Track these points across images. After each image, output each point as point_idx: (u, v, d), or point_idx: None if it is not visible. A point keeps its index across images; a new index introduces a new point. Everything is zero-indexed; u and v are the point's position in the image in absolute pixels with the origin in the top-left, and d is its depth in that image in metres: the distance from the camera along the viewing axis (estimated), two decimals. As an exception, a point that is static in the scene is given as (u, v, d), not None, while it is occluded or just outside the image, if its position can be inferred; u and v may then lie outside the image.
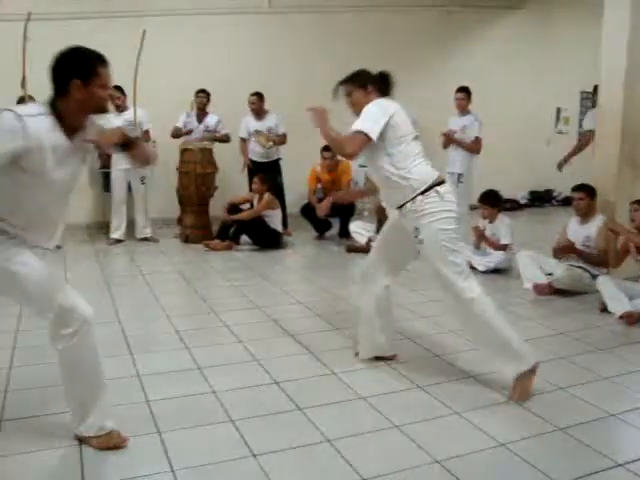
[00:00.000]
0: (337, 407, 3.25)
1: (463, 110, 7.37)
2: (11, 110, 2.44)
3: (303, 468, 2.70)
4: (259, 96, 7.90)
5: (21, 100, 6.81)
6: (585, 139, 6.98)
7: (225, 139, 7.92)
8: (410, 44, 9.75)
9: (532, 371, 3.39)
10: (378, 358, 3.86)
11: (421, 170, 3.46)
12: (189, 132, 7.84)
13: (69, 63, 2.55)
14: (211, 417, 3.12)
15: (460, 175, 7.24)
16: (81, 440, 2.82)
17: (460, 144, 7.28)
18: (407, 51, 9.65)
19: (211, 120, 7.92)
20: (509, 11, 10.56)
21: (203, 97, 7.88)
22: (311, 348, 4.07)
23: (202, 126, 7.90)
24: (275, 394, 3.39)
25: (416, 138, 3.57)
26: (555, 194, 11.27)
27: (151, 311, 4.88)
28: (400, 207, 3.49)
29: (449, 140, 7.34)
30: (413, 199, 3.41)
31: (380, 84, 3.72)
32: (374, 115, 3.44)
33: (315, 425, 3.03)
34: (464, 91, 7.36)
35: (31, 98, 6.81)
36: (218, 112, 7.95)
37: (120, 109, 7.41)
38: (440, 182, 3.47)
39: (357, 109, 3.60)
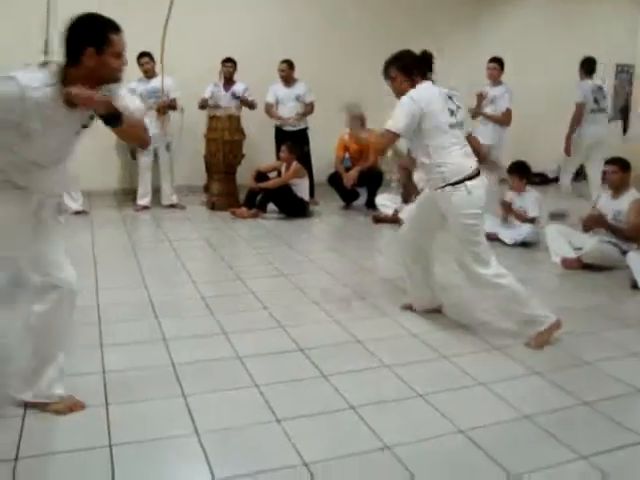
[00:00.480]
0: (361, 375, 3.26)
1: (495, 80, 7.25)
2: (15, 79, 2.35)
3: (326, 434, 2.71)
4: (289, 64, 7.84)
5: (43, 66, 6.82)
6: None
7: (252, 104, 7.88)
8: (440, 12, 9.59)
9: (553, 327, 3.64)
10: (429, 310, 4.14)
11: (455, 161, 3.59)
12: (209, 106, 7.86)
13: (82, 30, 2.48)
14: (235, 382, 3.14)
15: (490, 147, 7.15)
16: (28, 405, 2.82)
17: (489, 116, 7.17)
18: (437, 21, 9.51)
19: (238, 88, 7.88)
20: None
21: (230, 66, 7.84)
22: (336, 316, 4.07)
23: (229, 93, 7.87)
24: (299, 360, 3.41)
25: (455, 126, 3.65)
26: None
27: (177, 277, 4.90)
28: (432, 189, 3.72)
29: (478, 112, 7.24)
30: (442, 187, 3.59)
31: (423, 65, 3.77)
32: (405, 109, 3.58)
33: (339, 392, 3.04)
34: (496, 61, 7.24)
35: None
36: (245, 80, 7.90)
37: (149, 75, 7.39)
38: (474, 175, 3.57)
39: (398, 95, 3.70)
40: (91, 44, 2.44)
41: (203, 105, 7.85)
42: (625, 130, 11.09)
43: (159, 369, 3.28)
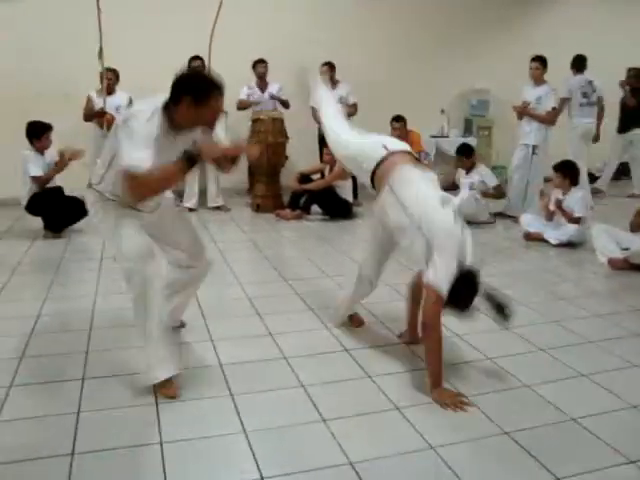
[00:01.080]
0: (406, 375, 3.28)
1: (538, 80, 7.12)
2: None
3: (371, 434, 2.75)
4: (330, 66, 7.89)
5: (101, 75, 7.00)
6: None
7: (287, 103, 7.96)
8: (479, 12, 9.52)
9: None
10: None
11: None
12: (251, 104, 7.94)
13: (189, 81, 2.84)
14: (282, 382, 3.20)
15: (535, 147, 7.08)
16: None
17: (534, 116, 7.10)
18: (479, 21, 9.45)
19: (273, 88, 7.97)
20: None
21: (263, 67, 7.93)
22: (380, 317, 4.10)
23: (267, 94, 7.96)
24: (345, 361, 3.45)
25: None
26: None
27: (224, 278, 4.98)
28: None
29: (523, 112, 7.18)
30: None
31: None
32: None
33: (384, 392, 3.07)
34: (538, 60, 7.09)
35: (111, 71, 7.02)
36: (280, 80, 7.96)
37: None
38: None
39: None
40: (191, 94, 2.78)
41: (243, 106, 7.94)
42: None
43: (207, 369, 3.36)
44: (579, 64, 7.91)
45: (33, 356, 3.51)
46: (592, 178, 10.07)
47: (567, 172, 6.13)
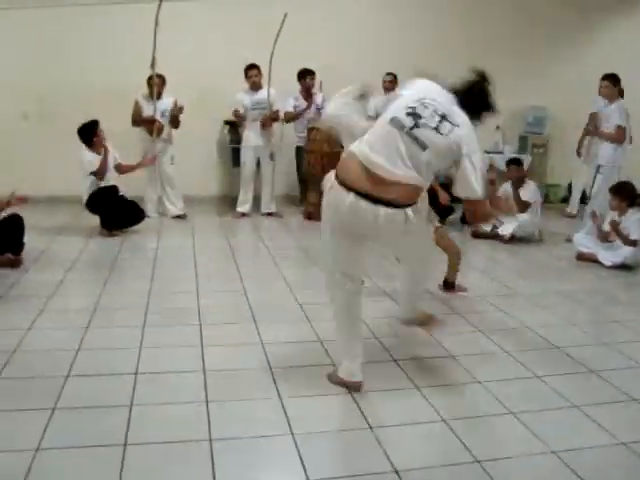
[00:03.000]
0: (454, 389, 3.30)
1: (607, 98, 6.88)
2: None
3: (417, 444, 2.76)
4: (394, 77, 7.98)
5: (150, 78, 7.18)
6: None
7: None
8: (543, 26, 9.43)
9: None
10: None
11: None
12: (300, 114, 8.03)
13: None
14: (329, 388, 3.23)
15: (599, 167, 6.90)
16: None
17: (602, 134, 6.92)
18: (533, 36, 9.37)
19: (319, 99, 8.03)
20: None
21: (311, 79, 8.00)
22: (427, 329, 4.11)
23: (313, 107, 8.03)
24: (392, 371, 3.47)
25: None
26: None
27: (275, 283, 5.05)
28: None
29: (592, 131, 7.09)
30: None
31: None
32: None
33: (431, 404, 3.08)
34: (607, 78, 6.85)
35: (159, 76, 7.19)
36: (328, 93, 8.01)
37: (255, 87, 7.64)
38: None
39: None
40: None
41: (290, 118, 8.04)
42: None
43: (256, 371, 3.41)
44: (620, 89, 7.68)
45: (88, 349, 3.62)
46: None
47: (625, 194, 6.04)
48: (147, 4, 7.12)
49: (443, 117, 3.01)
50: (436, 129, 2.98)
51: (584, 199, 9.38)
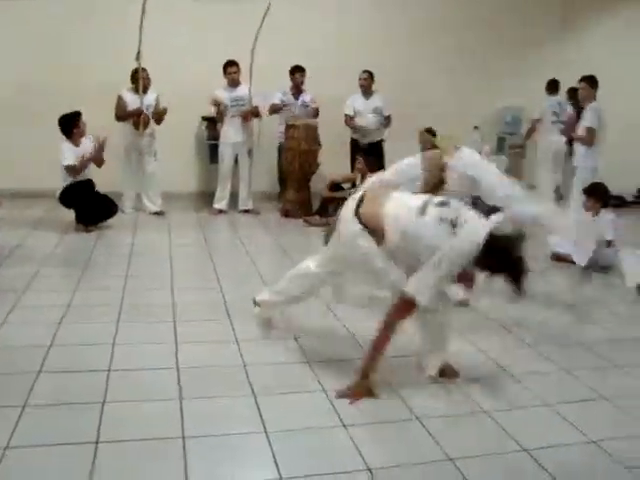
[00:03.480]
0: (427, 387, 3.30)
1: (584, 100, 6.84)
2: None
3: (391, 442, 2.78)
4: (370, 74, 7.96)
5: (135, 72, 7.13)
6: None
7: (315, 114, 8.01)
8: (523, 27, 9.50)
9: None
10: None
11: None
12: (282, 108, 8.01)
13: None
14: (303, 385, 3.23)
15: (575, 168, 6.91)
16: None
17: (575, 136, 6.98)
18: (517, 39, 9.44)
19: (307, 96, 8.02)
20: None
21: (301, 75, 7.98)
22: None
23: (300, 102, 8.02)
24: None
25: None
26: (667, 194, 10.78)
27: (250, 280, 5.02)
28: None
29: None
30: None
31: None
32: None
33: (405, 402, 3.09)
34: (583, 80, 6.84)
35: (143, 70, 7.13)
36: (315, 90, 8.04)
37: (234, 84, 7.61)
38: None
39: None
40: None
41: (274, 110, 8.01)
42: None
43: (230, 368, 3.40)
44: (553, 87, 8.76)
45: (61, 345, 3.58)
46: (624, 203, 10.02)
47: (598, 196, 6.09)
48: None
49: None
50: None
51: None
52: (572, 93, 8.62)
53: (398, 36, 9.04)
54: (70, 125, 6.47)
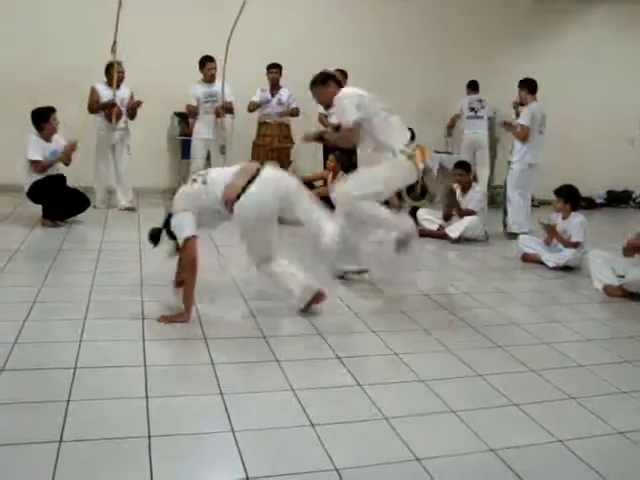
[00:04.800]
0: (395, 386, 3.31)
1: (523, 102, 7.53)
2: None
3: (359, 442, 2.76)
4: (342, 72, 7.91)
5: (110, 65, 7.06)
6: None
7: (295, 113, 7.97)
8: (491, 34, 9.58)
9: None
10: None
11: None
12: (259, 106, 7.95)
13: None
14: (273, 384, 3.21)
15: (509, 162, 7.55)
16: None
17: (514, 132, 7.47)
18: (487, 41, 9.53)
19: (284, 93, 7.99)
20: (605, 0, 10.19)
21: (276, 72, 7.95)
22: (374, 327, 4.12)
23: (275, 100, 7.99)
24: (336, 368, 3.46)
25: None
26: (634, 196, 10.96)
27: (219, 278, 5.00)
28: None
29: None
30: None
31: None
32: None
33: (372, 401, 3.09)
34: (522, 83, 7.47)
35: (119, 64, 7.06)
36: (294, 87, 7.98)
37: (210, 80, 7.57)
38: None
39: None
40: None
41: (253, 108, 7.97)
42: None
43: (198, 367, 3.37)
44: (473, 86, 9.48)
45: (26, 342, 3.52)
46: (592, 204, 10.15)
47: (569, 197, 6.15)
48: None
49: None
50: None
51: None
52: None
53: (376, 35, 9.08)
54: (41, 119, 6.37)
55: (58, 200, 6.41)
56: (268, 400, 3.06)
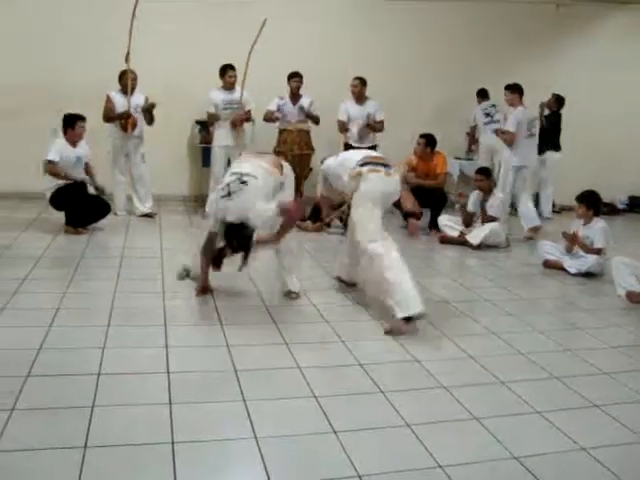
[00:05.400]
0: (418, 393, 3.30)
1: (510, 106, 7.79)
2: None
3: (381, 449, 2.76)
4: (361, 80, 7.95)
5: (123, 73, 7.13)
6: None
7: (317, 119, 7.97)
8: (514, 40, 9.53)
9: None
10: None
11: None
12: (277, 118, 7.96)
13: None
14: (295, 391, 3.22)
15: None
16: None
17: (502, 136, 7.80)
18: (510, 48, 9.47)
19: (305, 101, 8.00)
20: (627, 5, 10.11)
21: (298, 81, 7.96)
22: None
23: (297, 107, 7.99)
24: (358, 375, 3.47)
25: None
26: (657, 201, 10.84)
27: (242, 285, 5.01)
28: None
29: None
30: None
31: None
32: None
33: (395, 408, 3.08)
34: (506, 89, 7.78)
35: (131, 71, 7.11)
36: (313, 94, 8.01)
37: (230, 87, 7.62)
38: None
39: None
40: None
41: (269, 118, 7.98)
42: None
43: (221, 373, 3.39)
44: (483, 94, 9.37)
45: (50, 348, 3.56)
46: (614, 210, 10.06)
47: (591, 203, 6.11)
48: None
49: None
50: None
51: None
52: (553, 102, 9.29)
53: (395, 44, 9.07)
54: (68, 124, 6.53)
55: (80, 207, 6.47)
56: (290, 406, 3.07)
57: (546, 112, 9.23)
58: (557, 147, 9.25)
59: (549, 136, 9.02)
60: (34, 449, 2.56)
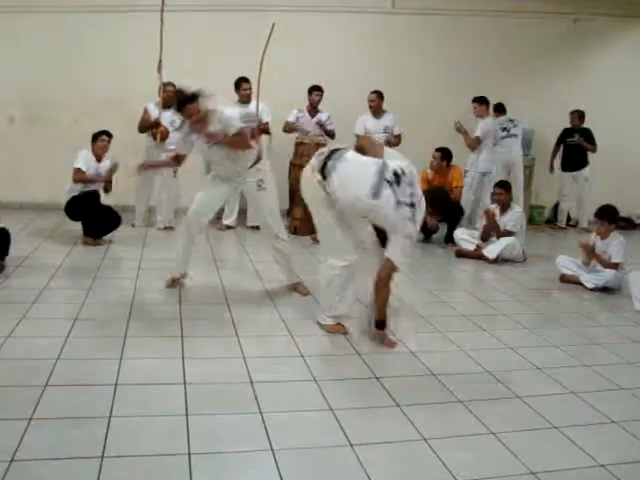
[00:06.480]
0: (434, 407, 3.30)
1: (478, 117, 8.48)
2: None
3: (397, 463, 2.75)
4: (378, 94, 7.96)
5: (165, 85, 7.18)
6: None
7: (332, 133, 7.99)
8: (531, 54, 9.52)
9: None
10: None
11: None
12: (297, 129, 7.99)
13: None
14: (311, 404, 3.23)
15: (466, 171, 8.46)
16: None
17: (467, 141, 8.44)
18: (526, 61, 9.46)
19: (322, 116, 8.02)
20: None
21: (319, 95, 7.99)
22: (409, 345, 4.12)
23: (314, 121, 8.01)
24: (374, 388, 3.46)
25: None
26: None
27: (258, 297, 5.03)
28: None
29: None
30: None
31: None
32: None
33: (411, 422, 3.08)
34: (475, 101, 8.47)
35: (165, 85, 7.17)
36: (329, 109, 8.03)
37: (245, 100, 7.66)
38: None
39: None
40: None
41: (290, 129, 8.02)
42: None
43: (237, 385, 3.39)
44: (500, 109, 9.08)
45: (68, 358, 3.58)
46: (632, 225, 9.99)
47: (613, 220, 6.07)
48: (147, 13, 7.16)
49: None
50: None
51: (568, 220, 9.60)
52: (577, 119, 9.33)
53: (406, 56, 9.10)
54: (93, 138, 6.66)
55: (94, 216, 6.53)
56: (307, 419, 3.08)
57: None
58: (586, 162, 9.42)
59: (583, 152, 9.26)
60: (51, 458, 2.58)
